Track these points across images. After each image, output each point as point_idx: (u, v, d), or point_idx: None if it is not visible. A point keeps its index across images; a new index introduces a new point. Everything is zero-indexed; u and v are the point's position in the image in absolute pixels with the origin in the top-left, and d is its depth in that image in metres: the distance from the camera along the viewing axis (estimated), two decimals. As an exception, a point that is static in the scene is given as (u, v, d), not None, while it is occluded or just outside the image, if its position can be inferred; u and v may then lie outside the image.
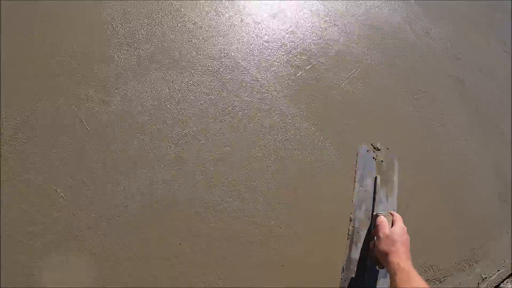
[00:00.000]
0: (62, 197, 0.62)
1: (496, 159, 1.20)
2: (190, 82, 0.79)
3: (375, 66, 1.05)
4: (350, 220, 0.84)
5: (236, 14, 0.90)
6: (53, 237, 0.60)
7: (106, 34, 0.75)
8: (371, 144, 0.96)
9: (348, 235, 0.82)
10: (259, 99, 0.85)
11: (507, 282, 1.15)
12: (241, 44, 0.87)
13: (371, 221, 0.82)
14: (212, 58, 0.84)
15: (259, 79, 0.86)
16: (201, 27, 0.84)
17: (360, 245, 0.80)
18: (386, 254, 0.67)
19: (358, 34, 1.06)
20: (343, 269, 0.79)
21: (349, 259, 0.79)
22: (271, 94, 0.86)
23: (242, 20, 0.90)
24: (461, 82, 1.24)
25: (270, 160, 0.80)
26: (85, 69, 0.70)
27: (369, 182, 0.87)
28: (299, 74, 0.90)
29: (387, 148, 0.97)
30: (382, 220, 0.74)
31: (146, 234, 0.65)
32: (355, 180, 0.87)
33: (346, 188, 0.86)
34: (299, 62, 0.92)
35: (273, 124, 0.84)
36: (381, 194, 0.86)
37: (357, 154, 0.91)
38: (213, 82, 0.81)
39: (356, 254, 0.79)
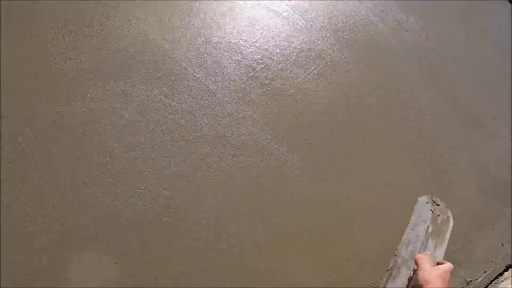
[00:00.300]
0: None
1: (477, 153, 1.16)
2: (131, 90, 0.78)
3: (340, 62, 1.04)
4: (395, 255, 0.87)
5: (183, 15, 0.87)
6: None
7: (48, 40, 0.76)
8: (432, 198, 0.98)
9: (389, 268, 0.85)
10: (205, 103, 0.83)
11: (496, 280, 1.03)
12: (188, 47, 0.87)
13: (415, 263, 0.85)
14: (155, 64, 0.83)
15: (206, 83, 0.86)
16: (144, 32, 0.80)
17: (398, 280, 0.84)
18: (426, 282, 0.69)
19: (321, 29, 1.03)
20: None
21: None
22: (219, 98, 0.85)
23: (190, 22, 0.84)
24: (435, 73, 1.17)
25: (212, 169, 0.78)
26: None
27: (421, 229, 0.92)
28: (251, 75, 0.84)
29: (446, 207, 0.98)
30: (425, 255, 0.77)
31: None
32: (408, 223, 0.92)
33: (308, 195, 0.85)
34: (252, 62, 0.87)
35: (220, 130, 0.82)
36: (430, 243, 0.91)
37: (417, 202, 0.95)
38: (155, 89, 0.80)
39: (391, 286, 0.83)
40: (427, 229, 0.91)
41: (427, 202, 0.96)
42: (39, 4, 0.76)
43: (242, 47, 0.92)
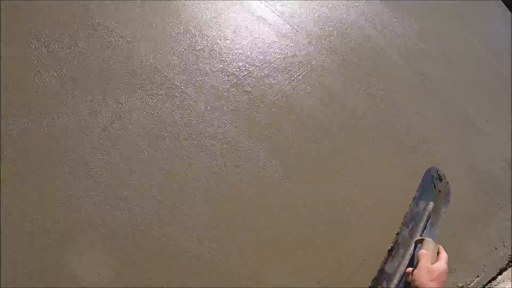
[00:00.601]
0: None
1: (468, 154, 1.17)
2: (112, 101, 0.78)
3: (326, 67, 1.06)
4: (397, 234, 0.88)
5: (166, 22, 0.87)
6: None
7: (30, 48, 0.77)
8: (437, 171, 0.98)
9: (389, 248, 0.87)
10: (187, 113, 0.83)
11: (489, 285, 1.07)
12: (170, 55, 0.88)
13: (414, 246, 0.87)
14: (138, 74, 0.83)
15: (188, 92, 0.86)
16: (125, 40, 0.84)
17: (395, 260, 0.85)
18: (421, 286, 0.72)
19: (307, 35, 1.04)
20: (373, 278, 0.84)
21: (382, 270, 0.85)
22: (201, 106, 0.86)
23: (172, 30, 0.83)
24: (426, 75, 1.16)
25: (197, 179, 0.78)
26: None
27: (422, 206, 0.93)
28: (234, 82, 0.83)
29: (447, 182, 0.99)
30: (426, 253, 0.79)
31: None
32: (413, 199, 0.93)
33: (291, 199, 0.84)
34: (235, 69, 0.87)
35: (202, 139, 0.82)
36: (429, 221, 0.92)
37: (424, 174, 0.96)
38: (137, 99, 0.80)
39: (389, 268, 0.84)
40: (428, 206, 0.92)
41: (432, 175, 0.97)
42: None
43: (225, 55, 0.92)
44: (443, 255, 0.78)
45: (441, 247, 0.80)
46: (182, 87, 0.84)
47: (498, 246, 1.09)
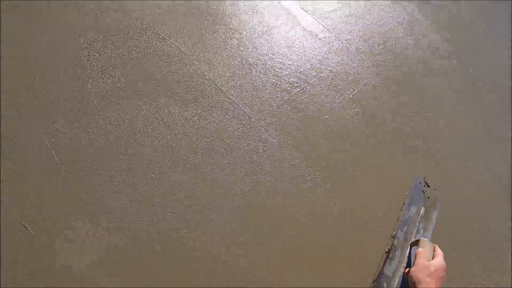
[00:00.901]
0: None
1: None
2: (164, 112, 0.78)
3: (375, 86, 1.02)
4: (392, 237, 0.85)
5: (220, 35, 0.82)
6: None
7: (82, 58, 0.78)
8: (424, 178, 0.95)
9: (386, 251, 0.84)
10: (240, 127, 0.82)
11: None
12: (223, 68, 0.87)
13: (410, 248, 0.86)
14: (191, 85, 0.83)
15: (241, 106, 0.85)
16: (180, 51, 0.82)
17: (393, 263, 0.84)
18: (418, 282, 0.71)
19: (357, 52, 1.00)
20: (373, 281, 0.81)
21: (381, 273, 0.82)
22: (254, 122, 0.84)
23: (226, 43, 0.81)
24: (471, 98, 1.08)
25: (247, 195, 0.76)
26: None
27: (414, 210, 0.92)
28: (286, 99, 0.80)
29: (435, 189, 0.96)
30: (423, 250, 0.78)
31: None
32: (404, 203, 0.91)
33: (337, 234, 0.80)
34: (288, 85, 0.84)
35: (254, 155, 0.80)
36: (420, 226, 0.91)
37: (413, 182, 0.94)
38: (188, 110, 0.80)
39: (388, 270, 0.82)
40: (419, 211, 0.91)
41: (420, 182, 0.96)
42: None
43: (277, 70, 0.90)
44: (439, 252, 0.78)
45: (437, 246, 0.80)
46: (235, 101, 0.84)
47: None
